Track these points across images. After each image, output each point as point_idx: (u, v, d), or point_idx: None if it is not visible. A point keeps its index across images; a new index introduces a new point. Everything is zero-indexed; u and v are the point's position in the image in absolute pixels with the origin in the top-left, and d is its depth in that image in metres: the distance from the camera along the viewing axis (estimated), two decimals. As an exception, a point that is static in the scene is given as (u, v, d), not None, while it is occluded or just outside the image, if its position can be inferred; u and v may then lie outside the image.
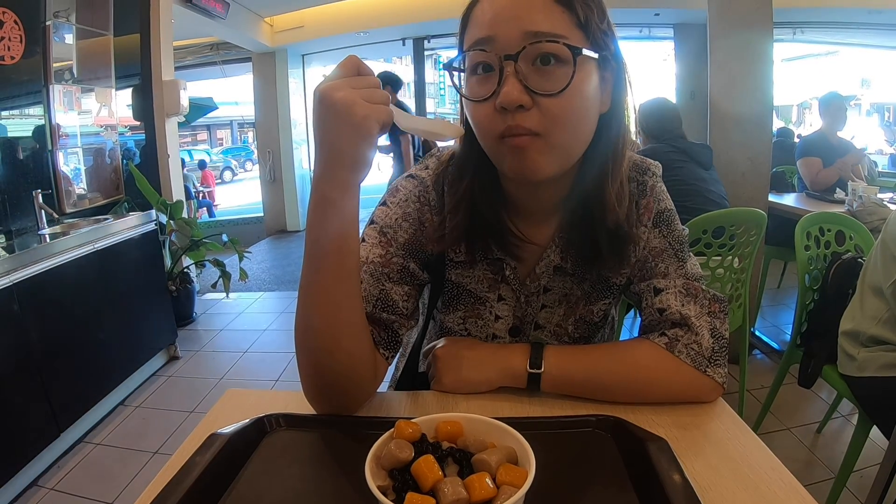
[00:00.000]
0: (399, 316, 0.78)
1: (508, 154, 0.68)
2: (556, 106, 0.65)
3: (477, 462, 0.50)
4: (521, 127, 0.65)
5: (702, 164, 2.41)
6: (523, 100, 0.64)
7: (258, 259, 5.96)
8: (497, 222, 0.78)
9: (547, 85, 0.64)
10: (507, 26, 0.64)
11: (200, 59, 7.65)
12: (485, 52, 0.66)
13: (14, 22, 2.67)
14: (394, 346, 0.78)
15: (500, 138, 0.67)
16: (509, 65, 0.64)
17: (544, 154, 0.67)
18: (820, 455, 2.10)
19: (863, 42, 8.46)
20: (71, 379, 2.32)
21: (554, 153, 0.68)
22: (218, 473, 0.58)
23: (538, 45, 0.64)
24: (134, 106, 3.89)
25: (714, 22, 2.88)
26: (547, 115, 0.65)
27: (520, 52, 0.64)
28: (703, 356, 0.74)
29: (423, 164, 0.86)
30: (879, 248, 1.50)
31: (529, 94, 0.64)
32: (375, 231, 0.80)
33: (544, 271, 0.82)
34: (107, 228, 2.69)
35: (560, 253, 0.81)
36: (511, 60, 0.64)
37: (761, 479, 0.59)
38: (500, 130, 0.66)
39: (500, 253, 0.81)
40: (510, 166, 0.69)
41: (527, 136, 0.65)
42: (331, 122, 0.58)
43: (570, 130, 0.67)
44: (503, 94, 0.64)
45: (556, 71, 0.64)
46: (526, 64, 0.64)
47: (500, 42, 0.65)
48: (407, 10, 6.29)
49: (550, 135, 0.66)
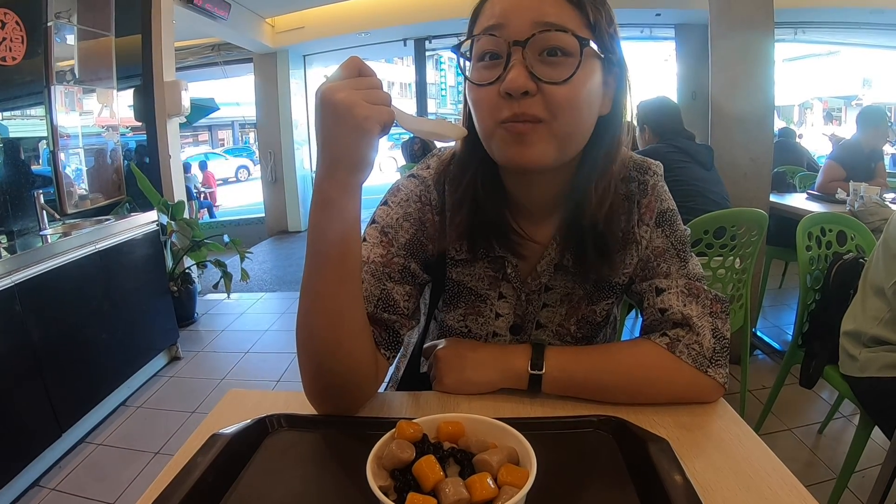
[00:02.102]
0: (400, 316, 0.78)
1: (508, 140, 0.68)
2: (560, 94, 0.65)
3: (478, 462, 0.50)
4: (525, 114, 0.66)
5: (703, 165, 2.41)
6: (529, 86, 0.65)
7: (259, 260, 5.96)
8: (499, 219, 0.78)
9: (553, 73, 0.65)
10: (518, 15, 0.66)
11: (202, 59, 7.66)
12: (494, 38, 0.67)
13: (16, 23, 2.68)
14: (395, 346, 0.78)
15: (500, 123, 0.68)
16: (517, 51, 0.65)
17: (544, 141, 0.67)
18: (821, 455, 2.10)
19: (864, 42, 8.45)
20: (72, 379, 2.32)
21: (554, 142, 0.68)
22: (219, 474, 0.58)
23: (547, 34, 0.65)
24: (135, 107, 3.90)
25: (715, 22, 2.88)
26: (551, 102, 0.66)
27: (528, 38, 0.65)
28: (704, 356, 0.74)
29: (425, 164, 0.86)
30: (881, 248, 1.50)
31: (535, 80, 0.65)
32: (377, 231, 0.80)
33: (545, 269, 0.82)
34: (108, 229, 2.69)
35: (560, 251, 0.81)
36: (519, 47, 0.65)
37: (763, 480, 0.59)
38: (503, 116, 0.67)
39: (501, 250, 0.81)
40: (509, 153, 0.69)
41: (529, 122, 0.66)
42: (332, 123, 0.58)
43: (572, 119, 0.68)
44: (509, 79, 0.65)
45: (563, 61, 0.65)
46: (533, 53, 0.66)
47: (509, 28, 0.66)
48: (408, 10, 6.29)
49: (553, 122, 0.66)
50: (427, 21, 6.33)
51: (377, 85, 0.61)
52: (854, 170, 3.23)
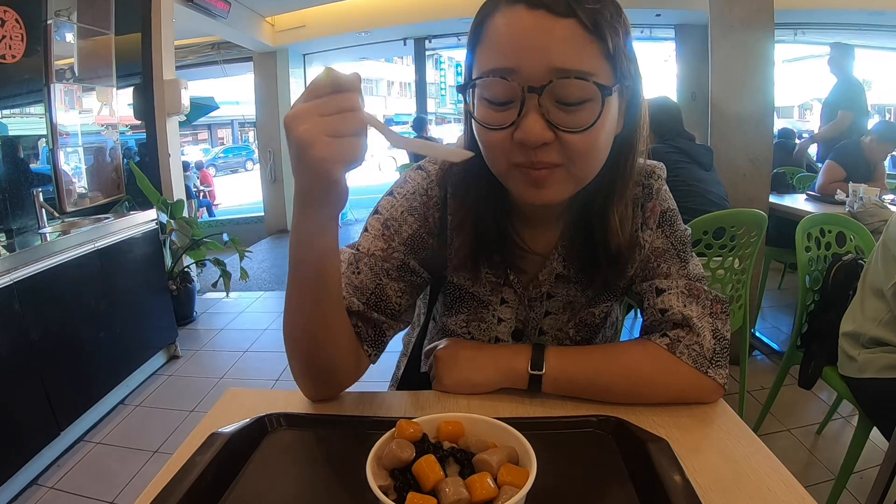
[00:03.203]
0: (389, 316, 0.79)
1: (523, 182, 0.66)
2: (580, 142, 0.62)
3: (478, 462, 0.50)
4: (542, 162, 0.62)
5: (702, 165, 2.41)
6: (546, 137, 0.61)
7: (259, 258, 5.96)
8: (501, 235, 0.77)
9: (571, 120, 0.61)
10: (532, 58, 0.59)
11: (201, 58, 7.66)
12: (506, 82, 0.61)
13: (15, 21, 2.67)
14: (379, 345, 0.79)
15: (514, 165, 0.65)
16: (532, 98, 0.60)
17: (562, 182, 0.65)
18: (820, 456, 2.10)
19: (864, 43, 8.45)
20: (71, 377, 2.32)
21: (571, 182, 0.66)
22: (218, 473, 0.58)
23: (565, 81, 0.59)
24: (135, 105, 3.89)
25: (715, 23, 2.88)
26: (568, 149, 0.62)
27: (545, 86, 0.59)
28: (704, 357, 0.74)
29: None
30: (880, 249, 1.50)
31: (552, 129, 0.61)
32: (379, 223, 0.80)
33: (546, 278, 0.82)
34: (107, 227, 2.69)
35: (563, 261, 0.81)
36: (535, 94, 0.60)
37: (762, 480, 0.59)
38: (518, 161, 0.64)
39: (503, 263, 0.81)
40: (525, 195, 0.67)
41: (546, 168, 0.63)
42: (294, 159, 0.54)
43: (591, 162, 0.66)
44: (526, 130, 0.60)
45: (582, 108, 0.60)
46: (549, 98, 0.60)
47: (523, 73, 0.60)
48: (408, 10, 6.30)
49: (570, 166, 0.64)
50: (427, 21, 6.34)
51: (350, 106, 0.53)
52: (854, 171, 3.23)
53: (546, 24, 0.59)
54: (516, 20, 0.60)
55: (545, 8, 0.59)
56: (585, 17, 0.59)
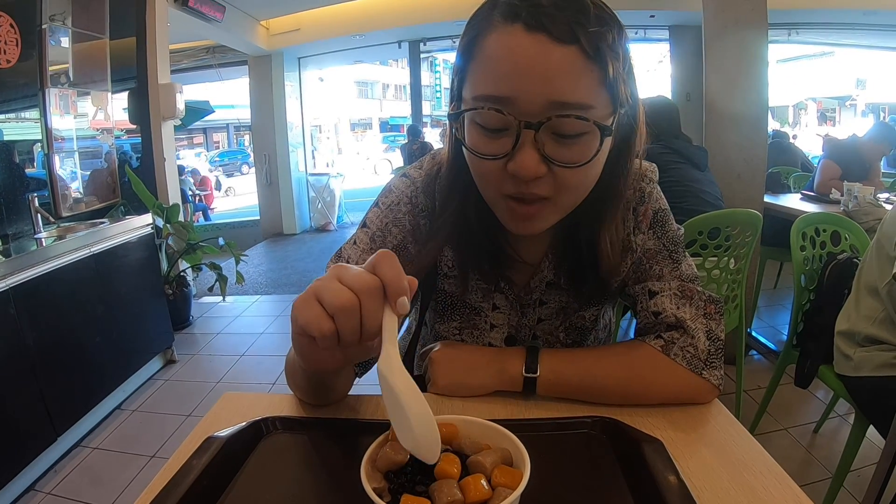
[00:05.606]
0: None
1: (510, 214, 0.66)
2: (573, 176, 0.61)
3: (472, 464, 0.50)
4: (533, 194, 0.62)
5: (697, 166, 2.41)
6: (540, 171, 0.59)
7: (255, 262, 5.95)
8: (490, 244, 0.77)
9: (566, 154, 0.59)
10: (530, 89, 0.56)
11: (196, 62, 7.65)
12: (501, 115, 0.58)
13: (10, 25, 2.67)
14: (366, 364, 0.77)
15: (503, 196, 0.64)
16: (528, 133, 0.58)
17: (549, 214, 0.66)
18: (817, 455, 2.11)
19: (858, 43, 8.50)
20: (67, 383, 2.31)
21: (557, 213, 0.66)
22: (215, 476, 0.58)
23: (564, 119, 0.57)
24: (130, 109, 3.89)
25: (709, 23, 2.89)
26: (561, 182, 0.61)
27: (542, 122, 0.57)
28: (698, 359, 0.74)
29: (419, 164, 0.84)
30: (875, 248, 1.51)
31: (546, 162, 0.60)
32: (367, 237, 0.80)
33: (538, 286, 0.83)
34: (103, 232, 2.68)
35: (553, 270, 0.81)
36: (531, 130, 0.58)
37: (757, 480, 0.59)
38: (508, 192, 0.63)
39: (493, 272, 0.81)
40: (511, 225, 0.68)
41: (537, 202, 0.63)
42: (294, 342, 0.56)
43: (580, 194, 0.66)
44: (520, 164, 0.59)
45: (578, 141, 0.59)
46: (546, 132, 0.58)
47: (519, 105, 0.57)
48: (403, 12, 6.31)
49: (559, 197, 0.63)
50: (421, 23, 6.35)
51: (371, 312, 0.48)
52: (850, 169, 3.25)
53: (545, 50, 0.55)
54: (514, 44, 0.57)
55: (545, 31, 0.55)
56: (587, 42, 0.55)
